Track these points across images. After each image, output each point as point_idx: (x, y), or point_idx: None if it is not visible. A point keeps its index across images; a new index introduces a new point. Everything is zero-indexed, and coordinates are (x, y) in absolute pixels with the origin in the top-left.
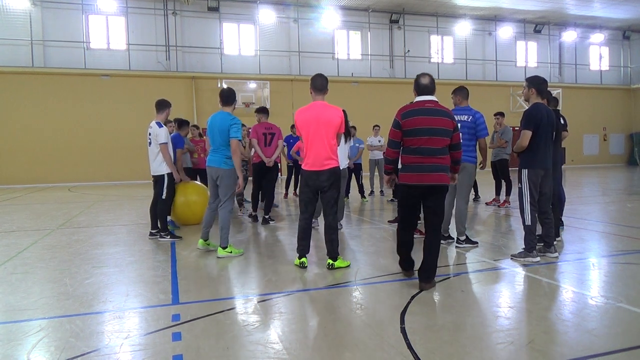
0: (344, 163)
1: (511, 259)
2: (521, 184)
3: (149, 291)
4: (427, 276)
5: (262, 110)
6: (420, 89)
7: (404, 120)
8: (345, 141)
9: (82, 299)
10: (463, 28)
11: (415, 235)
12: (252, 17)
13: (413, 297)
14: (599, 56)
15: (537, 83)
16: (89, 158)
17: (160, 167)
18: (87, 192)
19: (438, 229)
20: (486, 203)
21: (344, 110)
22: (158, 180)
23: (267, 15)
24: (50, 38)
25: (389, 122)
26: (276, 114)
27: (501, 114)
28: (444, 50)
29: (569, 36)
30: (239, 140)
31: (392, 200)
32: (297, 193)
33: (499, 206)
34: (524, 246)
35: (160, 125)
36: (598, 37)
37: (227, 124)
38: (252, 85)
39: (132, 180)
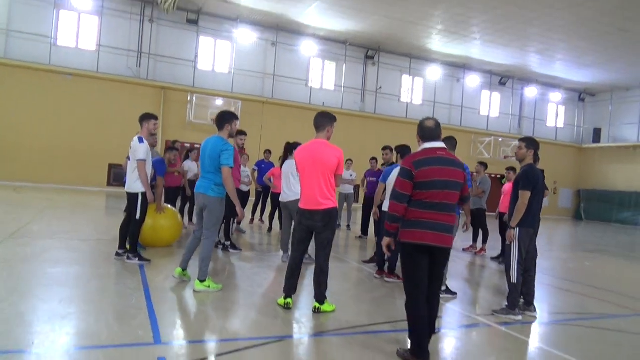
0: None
1: (493, 314)
2: (511, 242)
3: (126, 325)
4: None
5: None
6: (425, 134)
7: (417, 170)
8: None
9: (46, 330)
10: (434, 72)
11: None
12: (230, 35)
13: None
14: (555, 114)
15: (536, 145)
16: (40, 158)
17: (136, 184)
18: (35, 195)
19: (439, 295)
20: (463, 249)
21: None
22: (131, 198)
23: (245, 35)
24: (16, 29)
25: (359, 156)
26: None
27: (483, 164)
28: (414, 90)
29: (531, 92)
30: (230, 167)
31: (360, 237)
32: (263, 219)
33: (475, 253)
34: (506, 303)
35: (141, 141)
36: (556, 96)
37: (218, 150)
38: (222, 102)
39: (84, 187)
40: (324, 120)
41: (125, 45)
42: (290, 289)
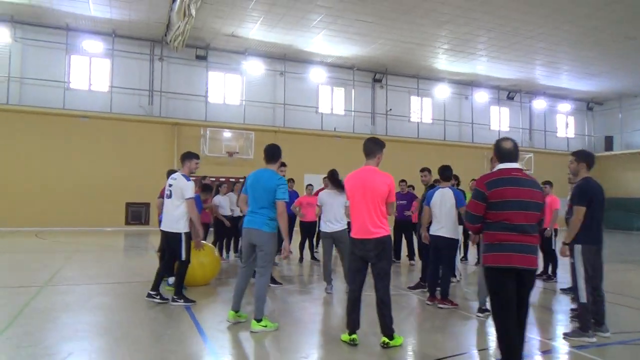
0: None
1: (564, 338)
2: (574, 260)
3: None
4: None
5: None
6: (502, 154)
7: (490, 191)
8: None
9: None
10: (442, 91)
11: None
12: (238, 68)
13: None
14: (565, 124)
15: (586, 157)
16: (58, 202)
17: (178, 224)
18: (57, 240)
19: (526, 322)
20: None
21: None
22: (173, 238)
23: (254, 67)
24: (30, 75)
25: None
26: (258, 164)
27: (549, 183)
28: (423, 110)
29: (539, 104)
30: (286, 202)
31: (393, 261)
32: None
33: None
34: (578, 325)
35: (187, 179)
36: (565, 106)
37: (274, 184)
38: (236, 134)
39: (102, 227)
40: (375, 146)
41: (136, 84)
42: (355, 324)
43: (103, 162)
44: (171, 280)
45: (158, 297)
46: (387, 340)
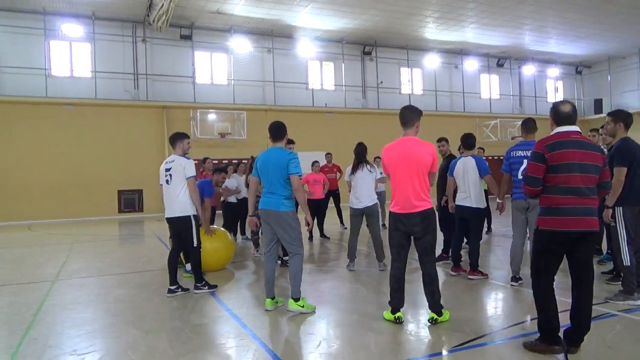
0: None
1: (607, 301)
2: (616, 223)
3: None
4: (578, 339)
5: None
6: (561, 118)
7: (550, 154)
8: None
9: None
10: (432, 61)
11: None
12: (225, 46)
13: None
14: (554, 89)
15: (624, 117)
16: (48, 193)
17: (185, 207)
18: (51, 232)
19: (592, 284)
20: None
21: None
22: (181, 223)
23: (241, 45)
24: (8, 64)
25: (370, 152)
26: (252, 145)
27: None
28: (414, 81)
29: (528, 70)
30: (300, 176)
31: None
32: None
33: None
34: (621, 288)
35: (187, 158)
36: (554, 71)
37: (285, 160)
38: (227, 115)
39: (95, 217)
40: (412, 114)
41: (120, 68)
42: (399, 301)
43: (91, 150)
44: (188, 266)
45: (179, 290)
46: (435, 316)
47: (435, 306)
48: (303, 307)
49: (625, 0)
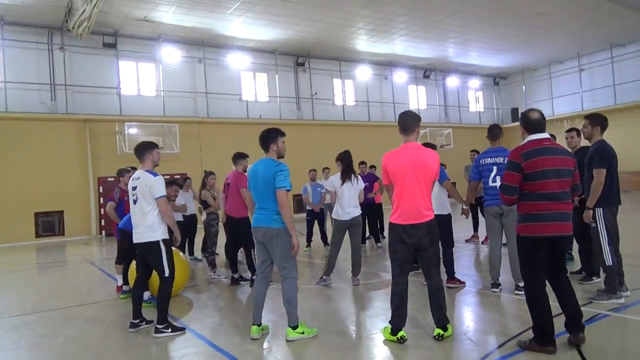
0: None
1: (591, 302)
2: (596, 223)
3: None
4: (578, 326)
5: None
6: (531, 125)
7: (526, 162)
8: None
9: None
10: (363, 72)
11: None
12: (153, 55)
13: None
14: (475, 99)
15: (601, 121)
16: None
17: (153, 231)
18: None
19: (569, 279)
20: (466, 240)
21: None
22: (149, 249)
23: (170, 54)
24: None
25: (299, 165)
26: (185, 159)
27: (476, 151)
28: (346, 92)
29: (452, 82)
30: (287, 190)
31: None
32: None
33: (482, 242)
34: (604, 287)
35: (154, 174)
36: (474, 82)
37: (272, 172)
38: (157, 128)
39: (9, 243)
40: (412, 120)
41: (35, 78)
42: (402, 320)
43: (3, 169)
44: (146, 295)
45: (143, 322)
46: (441, 331)
47: (443, 320)
48: (303, 333)
49: (548, 15)
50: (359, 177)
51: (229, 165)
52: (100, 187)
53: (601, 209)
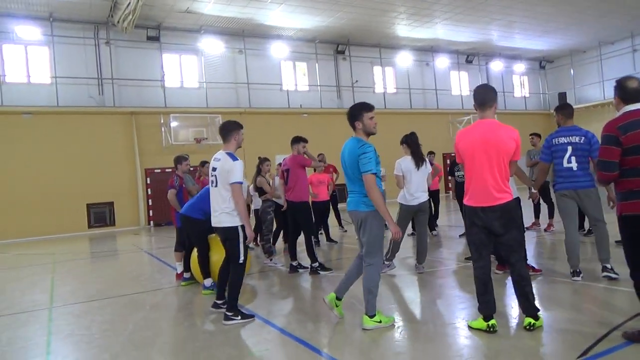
0: (424, 196)
1: None
2: None
3: None
4: None
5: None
6: (628, 95)
7: (625, 135)
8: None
9: None
10: (404, 58)
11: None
12: (195, 48)
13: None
14: (520, 84)
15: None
16: (10, 211)
17: (233, 216)
18: (20, 253)
19: None
20: (527, 228)
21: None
22: (228, 234)
23: (212, 45)
24: None
25: (340, 154)
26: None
27: (537, 135)
28: (386, 80)
29: (496, 66)
30: (372, 174)
31: (413, 234)
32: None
33: (545, 230)
34: None
35: (233, 158)
36: (519, 67)
37: (355, 154)
38: (200, 119)
39: (63, 234)
40: (490, 94)
41: (83, 73)
42: (491, 306)
43: (55, 163)
44: (208, 282)
45: (225, 305)
46: (532, 320)
47: (532, 309)
48: (380, 322)
49: None
50: (427, 160)
51: (271, 155)
52: (148, 179)
53: None
